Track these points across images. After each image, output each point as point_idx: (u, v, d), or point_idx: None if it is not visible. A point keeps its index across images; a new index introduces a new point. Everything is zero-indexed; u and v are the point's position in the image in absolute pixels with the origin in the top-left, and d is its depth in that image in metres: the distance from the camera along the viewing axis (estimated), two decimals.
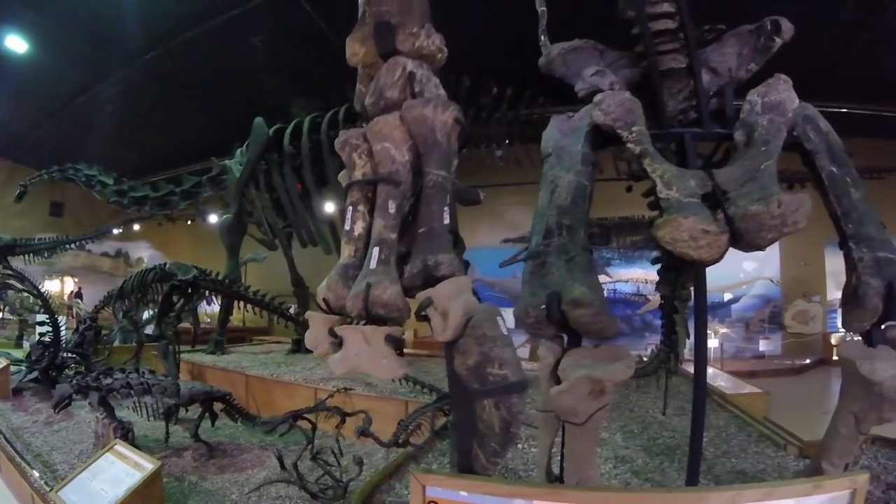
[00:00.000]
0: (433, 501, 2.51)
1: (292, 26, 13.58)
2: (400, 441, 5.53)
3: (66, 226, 27.61)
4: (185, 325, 11.02)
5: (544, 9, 4.25)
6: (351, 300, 2.90)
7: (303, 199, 10.69)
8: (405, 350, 3.01)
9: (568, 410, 2.96)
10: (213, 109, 18.57)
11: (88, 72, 17.72)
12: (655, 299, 16.58)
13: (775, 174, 3.22)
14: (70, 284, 25.80)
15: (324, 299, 3.11)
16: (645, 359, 8.68)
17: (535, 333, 3.27)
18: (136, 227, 27.11)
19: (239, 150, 12.25)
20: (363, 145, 3.29)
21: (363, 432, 5.28)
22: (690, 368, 8.50)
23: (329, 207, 11.12)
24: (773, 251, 17.72)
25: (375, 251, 2.99)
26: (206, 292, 10.03)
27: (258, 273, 21.54)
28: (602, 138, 3.69)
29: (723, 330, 16.56)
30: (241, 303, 10.92)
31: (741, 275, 18.35)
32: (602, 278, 17.89)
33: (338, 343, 2.95)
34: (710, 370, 9.12)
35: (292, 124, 10.94)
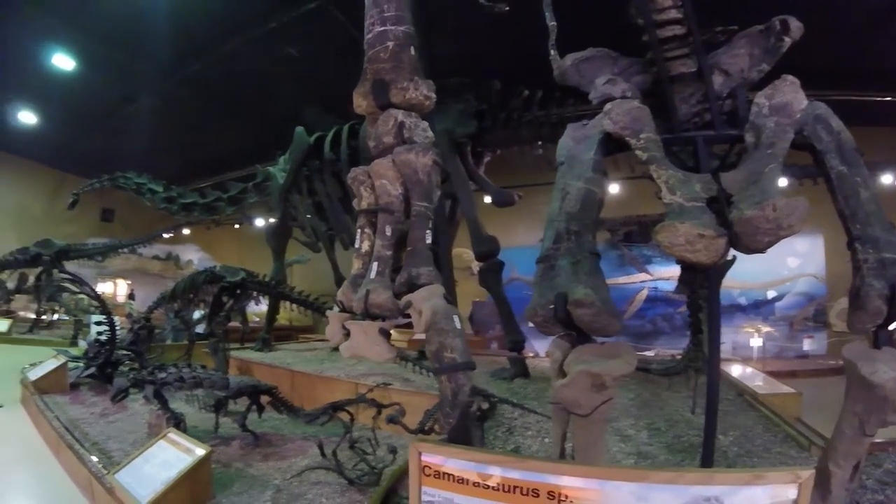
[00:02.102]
0: (427, 465, 2.98)
1: (327, 37, 13.99)
2: (426, 428, 5.79)
3: (116, 231, 28.75)
4: (234, 324, 11.46)
5: (554, 23, 4.47)
6: (355, 302, 3.99)
7: (343, 203, 10.96)
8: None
9: (572, 403, 3.17)
10: (252, 118, 19.09)
11: (131, 85, 18.53)
12: None
13: (778, 177, 3.31)
14: (122, 286, 26.62)
15: (339, 301, 4.24)
16: (678, 357, 8.73)
17: (545, 331, 3.51)
18: (186, 231, 27.93)
19: (282, 158, 12.66)
20: (368, 180, 4.29)
21: (392, 420, 5.57)
22: (724, 367, 8.54)
23: None
24: (818, 246, 17.18)
25: (374, 265, 4.08)
26: (254, 293, 10.44)
27: (303, 274, 22.03)
28: (614, 145, 3.89)
29: (766, 329, 16.26)
30: (287, 302, 11.34)
31: (784, 271, 17.67)
32: (642, 276, 17.81)
33: (346, 334, 4.03)
34: (746, 369, 9.12)
35: (332, 132, 11.22)
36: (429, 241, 4.07)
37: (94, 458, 6.05)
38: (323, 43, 14.36)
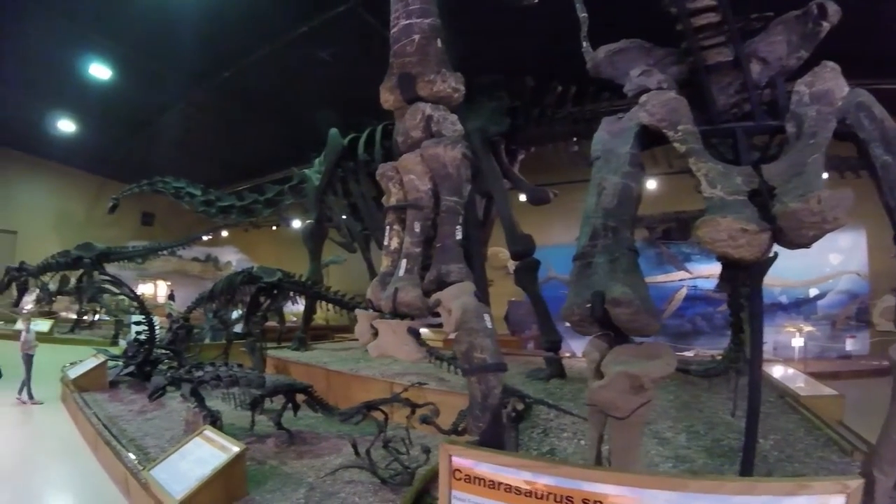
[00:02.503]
0: (458, 469, 2.97)
1: (358, 39, 13.98)
2: (459, 429, 5.74)
3: (156, 234, 29.28)
4: (271, 323, 11.55)
5: (585, 15, 4.40)
6: (384, 301, 3.88)
7: (378, 203, 10.93)
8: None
9: (609, 405, 3.12)
10: (286, 122, 19.26)
11: (167, 92, 18.90)
12: None
13: (822, 168, 3.18)
14: (162, 288, 27.08)
15: (368, 300, 4.10)
16: (719, 357, 8.52)
17: (581, 331, 3.44)
18: (224, 233, 28.40)
19: (317, 160, 12.80)
20: (396, 176, 4.23)
21: (425, 420, 5.53)
22: (765, 368, 8.32)
23: None
24: (860, 242, 16.51)
25: (403, 262, 3.96)
26: (291, 293, 10.52)
27: (339, 274, 22.15)
28: (651, 138, 3.79)
29: (807, 328, 15.77)
30: (323, 302, 11.41)
31: (826, 269, 16.71)
32: (680, 274, 17.43)
33: (374, 333, 3.94)
34: (788, 371, 8.88)
35: (366, 133, 11.32)
36: (459, 237, 3.98)
37: (131, 455, 6.14)
38: (354, 45, 14.37)
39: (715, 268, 12.79)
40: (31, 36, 15.50)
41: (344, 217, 11.77)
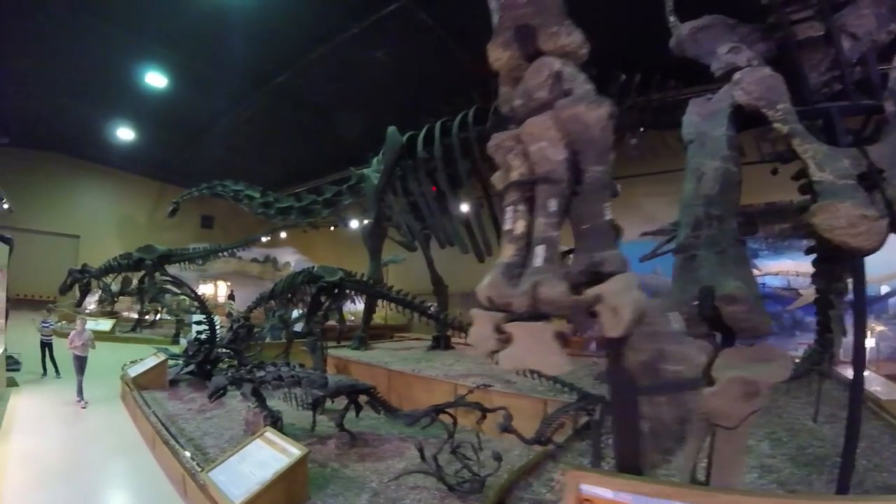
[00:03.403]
0: (587, 500, 2.55)
1: (413, 37, 13.90)
2: (543, 439, 5.48)
3: (215, 236, 29.89)
4: (330, 322, 11.48)
5: None
6: (518, 298, 2.93)
7: (438, 201, 10.92)
8: None
9: (720, 413, 2.83)
10: (341, 123, 19.23)
11: (223, 98, 19.21)
12: (808, 294, 14.90)
13: None
14: (222, 288, 27.54)
15: (487, 297, 3.12)
16: (797, 360, 8.09)
17: (687, 332, 3.09)
18: (283, 234, 28.69)
19: (374, 159, 12.70)
20: (517, 146, 3.31)
21: (506, 429, 5.28)
22: (845, 371, 7.84)
23: (464, 208, 11.20)
24: None
25: (540, 249, 3.03)
26: (352, 292, 10.42)
27: (398, 274, 22.13)
28: (744, 119, 3.49)
29: (879, 328, 14.97)
30: (383, 302, 11.31)
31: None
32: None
33: (504, 340, 3.00)
34: (864, 374, 8.34)
35: (424, 130, 11.21)
36: (609, 216, 3.14)
37: (188, 454, 6.06)
38: (407, 43, 14.33)
39: (784, 264, 12.10)
40: (90, 49, 15.94)
41: (404, 216, 11.63)
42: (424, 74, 15.69)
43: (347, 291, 10.19)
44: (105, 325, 17.86)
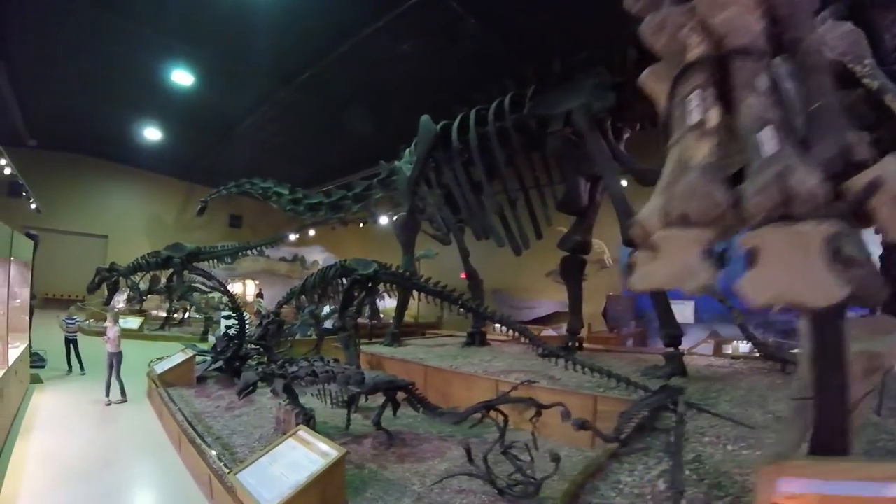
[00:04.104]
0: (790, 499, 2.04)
1: (441, 26, 13.57)
2: (621, 437, 4.94)
3: (244, 236, 29.98)
4: (361, 320, 11.09)
5: None
6: (757, 196, 2.22)
7: (474, 192, 10.42)
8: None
9: None
10: (371, 118, 19.00)
11: (250, 96, 19.11)
12: None
13: None
14: (251, 287, 27.46)
15: (686, 211, 2.40)
16: None
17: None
18: (311, 232, 28.56)
19: (406, 151, 12.32)
20: (691, 20, 2.64)
21: (582, 425, 4.73)
22: None
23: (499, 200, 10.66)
24: None
25: (766, 134, 2.33)
26: (387, 286, 9.93)
27: (429, 269, 21.85)
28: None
29: None
30: (414, 299, 10.84)
31: None
32: None
33: (720, 263, 2.32)
34: None
35: (458, 118, 10.73)
36: (832, 95, 2.47)
37: (214, 453, 5.65)
38: (436, 35, 14.01)
39: None
40: (116, 47, 15.95)
41: (438, 207, 11.12)
42: (454, 64, 15.32)
43: (383, 285, 9.68)
44: (133, 323, 17.81)
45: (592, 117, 8.41)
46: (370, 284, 9.37)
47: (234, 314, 10.07)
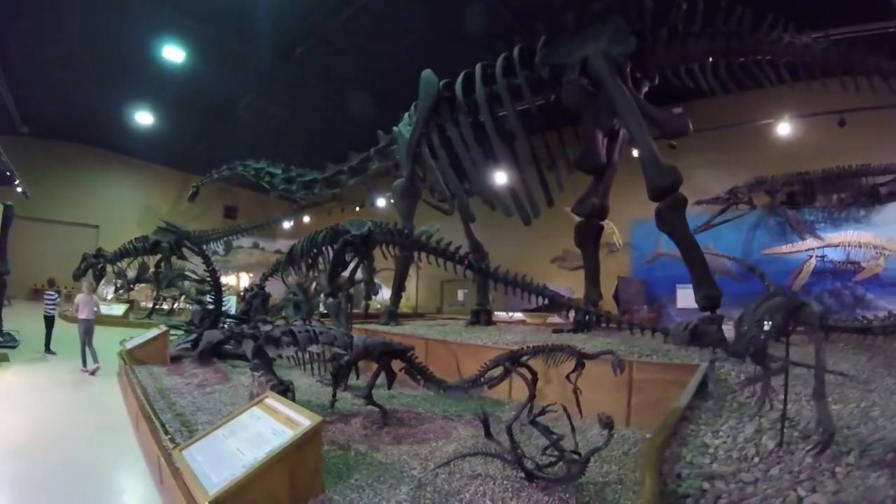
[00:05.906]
0: None
1: None
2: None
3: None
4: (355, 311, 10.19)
5: None
6: None
7: (484, 152, 9.32)
8: None
9: None
10: (371, 96, 18.01)
11: (246, 73, 18.14)
12: (870, 266, 13.61)
13: None
14: (245, 280, 26.78)
15: None
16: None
17: None
18: (306, 219, 27.65)
19: (406, 114, 11.13)
20: None
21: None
22: None
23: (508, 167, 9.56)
24: None
25: None
26: (384, 246, 8.83)
27: None
28: None
29: None
30: (412, 285, 9.87)
31: None
32: (809, 243, 14.83)
33: None
34: None
35: (462, 75, 9.67)
36: None
37: (163, 433, 4.64)
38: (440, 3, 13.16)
39: (844, 236, 10.58)
40: (103, 21, 15.12)
41: (442, 170, 9.98)
42: (457, 33, 14.25)
43: (378, 245, 8.56)
44: (118, 309, 17.19)
45: (612, 63, 7.57)
46: (364, 247, 8.26)
47: (211, 280, 9.30)
